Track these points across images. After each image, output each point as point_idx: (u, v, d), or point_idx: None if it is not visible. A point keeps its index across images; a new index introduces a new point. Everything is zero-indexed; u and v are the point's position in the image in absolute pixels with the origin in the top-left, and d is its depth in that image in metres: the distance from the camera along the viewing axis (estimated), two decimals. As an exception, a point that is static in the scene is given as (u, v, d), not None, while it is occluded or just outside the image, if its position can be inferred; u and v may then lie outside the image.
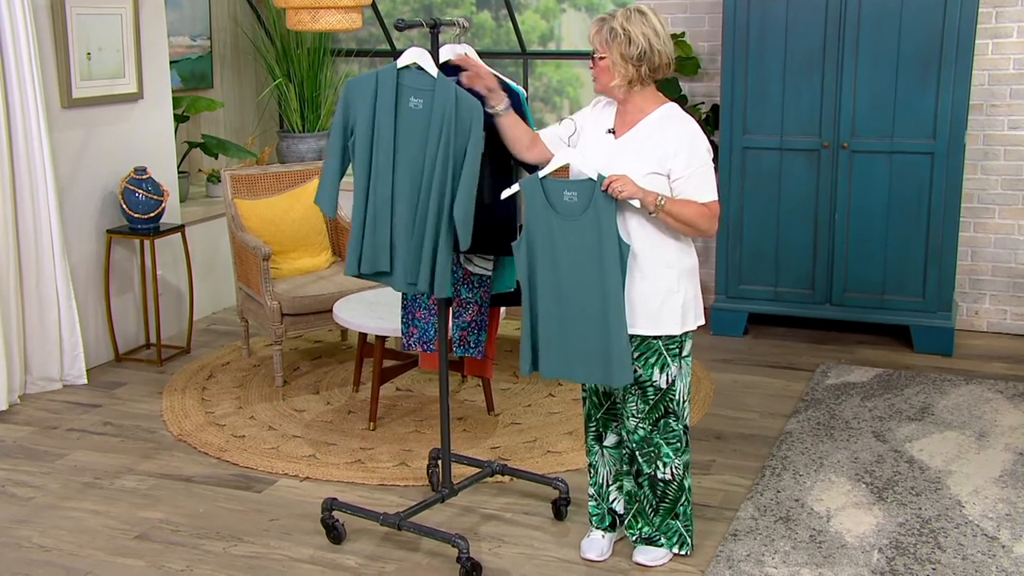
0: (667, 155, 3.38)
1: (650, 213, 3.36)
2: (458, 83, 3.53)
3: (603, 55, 3.39)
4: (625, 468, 3.70)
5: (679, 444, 3.59)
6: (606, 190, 3.32)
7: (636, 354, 3.48)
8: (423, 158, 3.50)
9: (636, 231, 3.41)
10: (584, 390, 3.73)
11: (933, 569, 3.57)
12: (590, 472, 3.78)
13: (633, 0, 6.49)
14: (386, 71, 3.52)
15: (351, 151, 3.58)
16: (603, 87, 3.45)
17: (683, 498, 3.64)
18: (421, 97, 3.49)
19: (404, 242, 3.56)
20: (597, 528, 3.76)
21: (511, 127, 3.58)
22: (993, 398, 5.08)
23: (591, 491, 3.78)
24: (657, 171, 3.38)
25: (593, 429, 3.72)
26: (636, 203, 3.32)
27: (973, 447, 4.54)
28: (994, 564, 3.60)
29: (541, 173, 3.43)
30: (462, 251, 3.59)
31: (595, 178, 3.35)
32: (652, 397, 3.52)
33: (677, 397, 3.55)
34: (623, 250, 3.37)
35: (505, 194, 3.50)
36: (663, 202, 3.34)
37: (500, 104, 3.55)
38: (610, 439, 3.71)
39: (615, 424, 3.69)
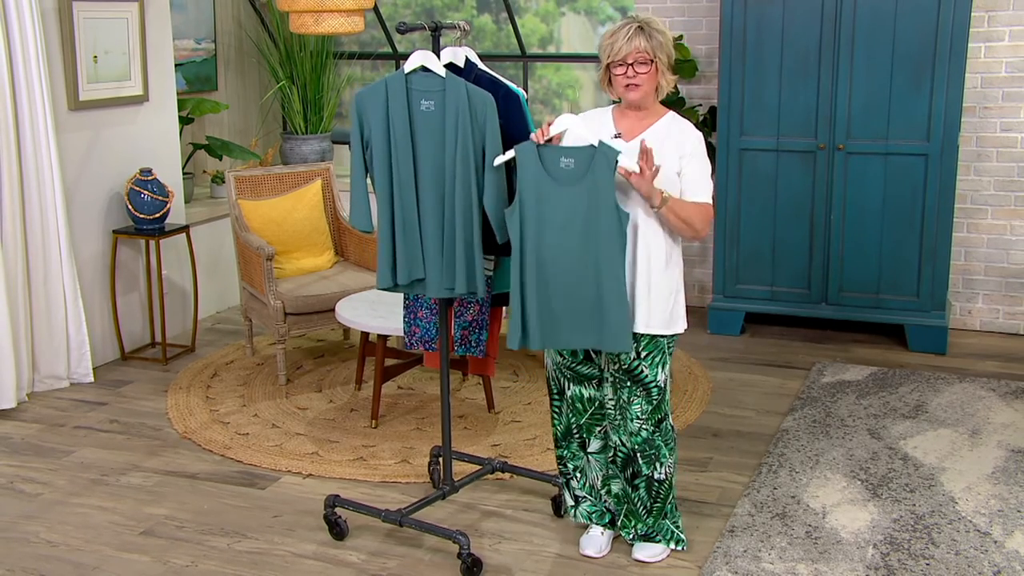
0: (684, 153, 3.45)
1: (653, 207, 3.39)
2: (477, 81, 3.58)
3: (651, 59, 3.41)
4: (612, 472, 3.70)
5: (672, 444, 3.64)
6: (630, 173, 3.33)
7: (644, 353, 3.51)
8: (443, 159, 3.51)
9: (651, 234, 3.44)
10: (556, 403, 3.72)
11: (927, 564, 3.61)
12: (576, 477, 3.77)
13: (632, 9, 6.54)
14: (394, 77, 3.53)
15: (369, 163, 3.58)
16: (647, 93, 3.46)
17: (671, 496, 3.68)
18: (432, 99, 3.50)
19: (434, 247, 3.57)
20: (596, 524, 3.78)
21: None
22: (986, 396, 5.13)
23: (580, 493, 3.78)
24: (679, 170, 3.46)
25: (577, 437, 3.71)
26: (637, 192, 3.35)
27: (966, 444, 4.58)
28: (987, 559, 3.63)
29: (540, 141, 3.40)
30: (500, 243, 3.58)
31: (596, 145, 3.35)
32: (656, 397, 3.55)
33: (668, 397, 3.60)
34: (622, 218, 3.36)
35: (498, 160, 3.46)
36: (668, 197, 3.39)
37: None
38: (594, 444, 3.71)
39: (599, 429, 3.69)
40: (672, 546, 3.73)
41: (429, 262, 3.60)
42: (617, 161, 3.33)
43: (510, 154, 3.45)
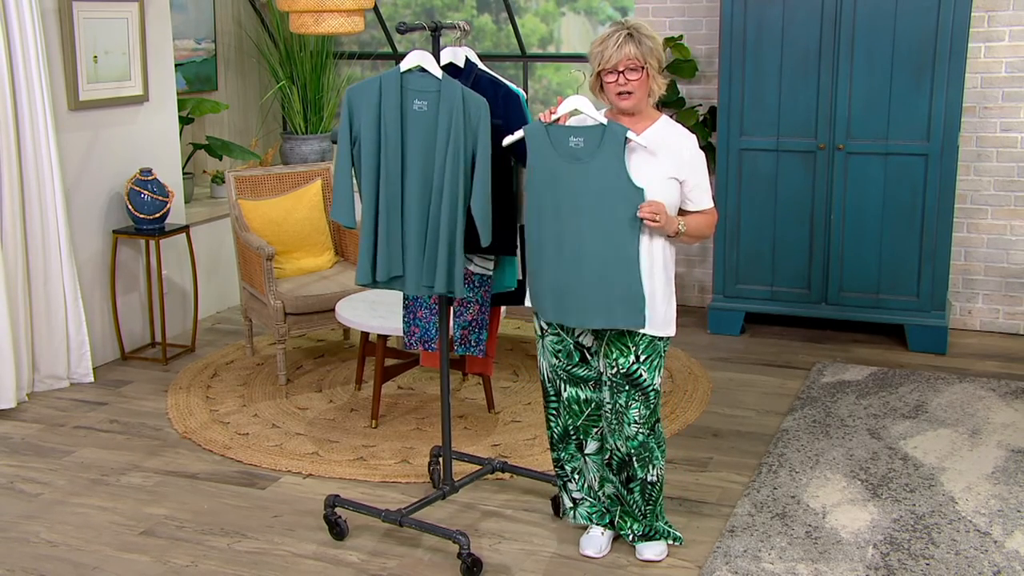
0: (683, 162, 3.47)
1: (669, 237, 3.46)
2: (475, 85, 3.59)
3: (641, 66, 3.41)
4: (607, 474, 3.70)
5: (664, 446, 3.66)
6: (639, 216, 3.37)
7: (643, 357, 3.52)
8: (432, 159, 3.53)
9: (651, 239, 3.47)
10: (552, 405, 3.71)
11: (927, 564, 3.61)
12: (574, 479, 3.76)
13: (632, 14, 6.55)
14: (389, 76, 3.54)
15: (356, 158, 3.59)
16: (640, 100, 3.46)
17: (661, 496, 3.70)
18: (425, 99, 3.52)
19: (415, 245, 3.59)
20: (596, 525, 3.78)
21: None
22: (986, 396, 5.13)
23: (578, 495, 3.78)
24: (675, 176, 3.47)
25: (574, 439, 3.71)
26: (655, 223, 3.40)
27: (966, 444, 4.58)
28: (987, 559, 3.64)
29: (548, 121, 3.44)
30: (483, 246, 3.62)
31: (604, 123, 3.38)
32: (652, 401, 3.56)
33: (659, 399, 3.62)
34: (634, 194, 3.37)
35: (507, 141, 3.51)
36: (684, 227, 3.45)
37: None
38: (591, 446, 3.71)
39: (596, 430, 3.69)
40: (670, 542, 3.75)
41: (408, 260, 3.62)
42: (627, 138, 3.36)
43: (519, 134, 3.49)
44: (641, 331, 3.49)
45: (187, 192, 6.60)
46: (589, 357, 3.62)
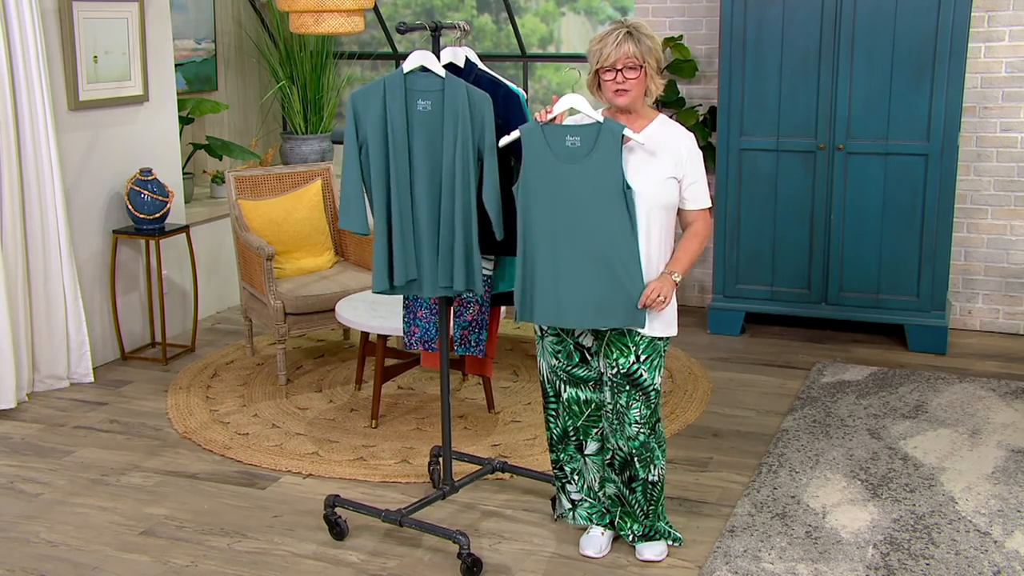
0: (681, 160, 3.48)
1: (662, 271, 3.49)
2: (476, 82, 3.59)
3: (640, 64, 3.41)
4: (609, 474, 3.70)
5: (664, 445, 3.66)
6: (646, 304, 3.40)
7: (643, 357, 3.52)
8: (439, 158, 3.53)
9: (651, 241, 3.47)
10: (552, 406, 3.71)
11: (927, 564, 3.61)
12: (573, 480, 3.76)
13: (631, 14, 6.55)
14: (393, 78, 3.54)
15: (364, 164, 3.58)
16: (636, 97, 3.47)
17: (663, 496, 3.70)
18: (429, 99, 3.52)
19: (428, 246, 3.58)
20: (596, 525, 3.78)
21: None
22: (986, 396, 5.13)
23: (577, 496, 3.78)
24: (674, 176, 3.47)
25: (574, 440, 3.71)
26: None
27: (966, 444, 4.59)
28: (987, 559, 3.64)
29: (544, 120, 3.44)
30: (498, 239, 3.61)
31: (601, 121, 3.38)
32: (653, 401, 3.57)
33: (659, 399, 3.62)
34: (628, 192, 3.38)
35: (503, 141, 3.50)
36: (678, 278, 3.47)
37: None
38: (591, 446, 3.71)
39: (595, 431, 3.69)
40: (670, 543, 3.75)
41: (423, 262, 3.61)
42: (623, 135, 3.36)
43: (515, 135, 3.48)
44: (642, 331, 3.49)
45: (187, 192, 6.60)
46: (589, 358, 3.62)
